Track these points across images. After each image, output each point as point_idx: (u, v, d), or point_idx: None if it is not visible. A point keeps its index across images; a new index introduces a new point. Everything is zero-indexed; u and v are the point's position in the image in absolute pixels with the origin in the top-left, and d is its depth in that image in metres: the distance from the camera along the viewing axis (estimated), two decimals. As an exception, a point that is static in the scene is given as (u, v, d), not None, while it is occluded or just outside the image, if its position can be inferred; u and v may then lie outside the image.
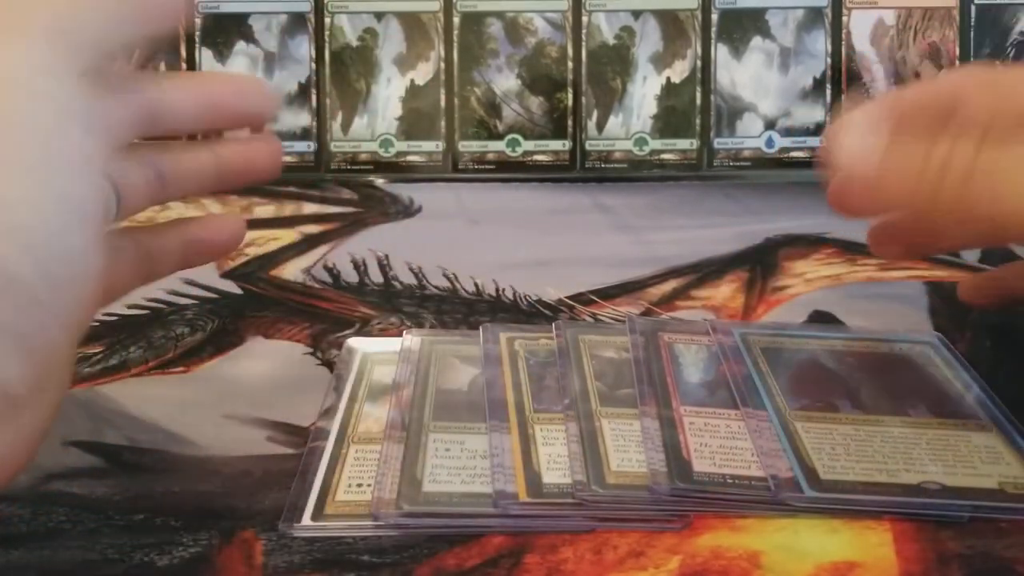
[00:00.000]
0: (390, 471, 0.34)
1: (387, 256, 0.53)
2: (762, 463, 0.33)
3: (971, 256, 0.51)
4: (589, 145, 0.63)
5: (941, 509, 0.32)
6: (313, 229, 0.57)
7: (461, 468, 0.34)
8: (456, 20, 0.64)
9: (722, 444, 0.35)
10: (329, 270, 0.52)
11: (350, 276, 0.51)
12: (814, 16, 0.63)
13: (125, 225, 0.30)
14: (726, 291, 0.49)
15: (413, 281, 0.51)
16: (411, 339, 0.43)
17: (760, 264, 0.52)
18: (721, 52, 0.63)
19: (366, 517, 0.32)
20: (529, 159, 0.64)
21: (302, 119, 0.64)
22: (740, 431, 0.36)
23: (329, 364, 0.43)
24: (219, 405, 0.40)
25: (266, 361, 0.44)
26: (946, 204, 0.30)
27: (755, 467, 0.33)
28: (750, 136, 0.63)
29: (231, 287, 0.50)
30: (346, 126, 0.64)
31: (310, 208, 0.60)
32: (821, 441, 0.35)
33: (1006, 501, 0.32)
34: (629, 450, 0.35)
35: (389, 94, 0.64)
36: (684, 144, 0.63)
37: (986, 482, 0.33)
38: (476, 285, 0.50)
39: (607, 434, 0.35)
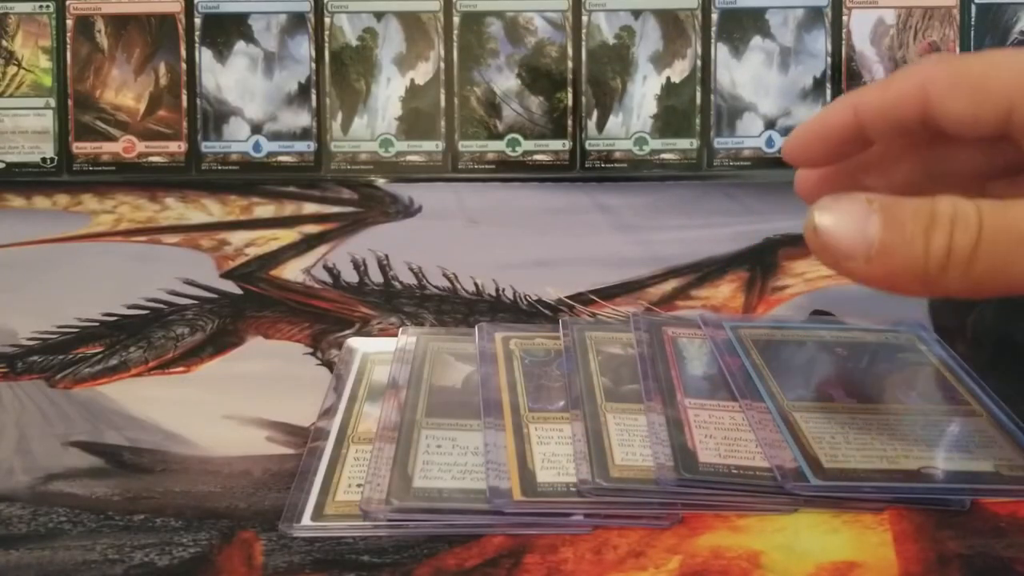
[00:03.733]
0: (382, 468, 0.34)
1: (387, 256, 0.53)
2: (766, 454, 0.34)
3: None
4: (589, 145, 0.63)
5: (944, 494, 0.32)
6: (313, 229, 0.57)
7: (452, 464, 0.34)
8: (456, 20, 0.64)
9: (726, 436, 0.35)
10: (329, 270, 0.52)
11: (350, 276, 0.51)
12: (814, 16, 0.63)
13: None
14: (726, 291, 0.49)
15: (413, 281, 0.51)
16: (406, 337, 0.43)
17: (760, 264, 0.52)
18: (721, 52, 0.63)
19: (366, 517, 0.32)
20: (529, 159, 0.64)
21: (302, 119, 0.64)
22: (743, 423, 0.36)
23: (329, 364, 0.43)
24: (219, 405, 0.40)
25: (266, 361, 0.44)
26: (954, 290, 0.28)
27: (759, 458, 0.34)
28: (750, 136, 0.63)
29: (231, 287, 0.50)
30: (346, 126, 0.64)
31: (310, 208, 0.60)
32: (821, 431, 0.35)
33: (1004, 483, 0.32)
34: (634, 444, 0.35)
35: (389, 94, 0.64)
36: (684, 144, 0.63)
37: (983, 465, 0.33)
38: (476, 285, 0.50)
39: (612, 429, 0.36)
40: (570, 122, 0.64)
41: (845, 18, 0.63)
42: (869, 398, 0.38)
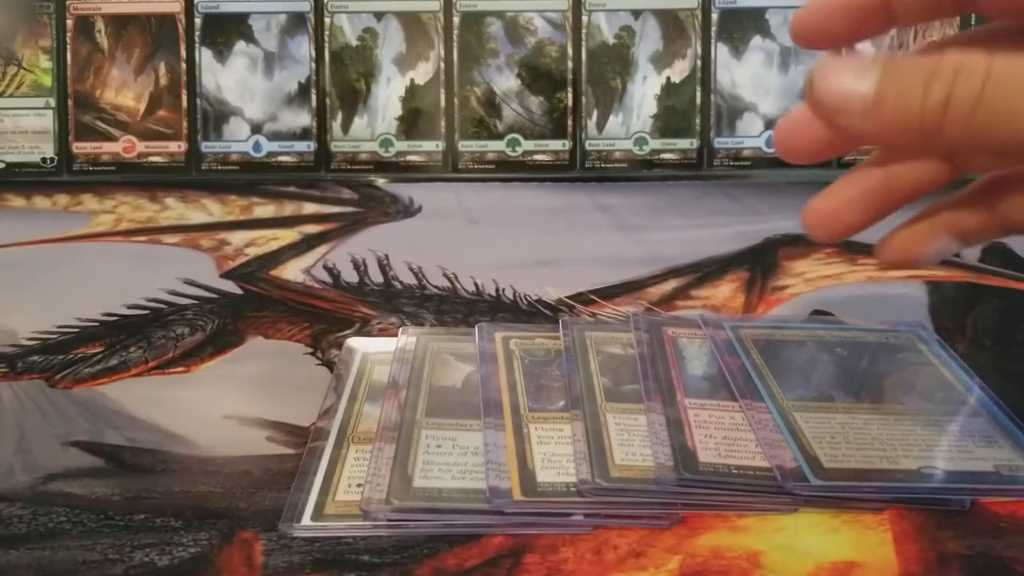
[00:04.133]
0: (382, 468, 0.34)
1: (387, 256, 0.53)
2: (766, 454, 0.34)
3: (971, 255, 0.51)
4: (589, 145, 0.63)
5: (943, 493, 0.32)
6: (313, 229, 0.57)
7: (452, 464, 0.34)
8: (456, 20, 0.64)
9: (726, 436, 0.35)
10: (329, 270, 0.52)
11: (350, 276, 0.51)
12: (814, 16, 0.63)
13: None
14: (726, 291, 0.49)
15: (413, 281, 0.51)
16: (406, 337, 0.43)
17: (760, 264, 0.52)
18: (721, 52, 0.63)
19: (366, 517, 0.32)
20: (529, 159, 0.64)
21: (302, 119, 0.64)
22: (743, 423, 0.36)
23: (329, 364, 0.43)
24: (219, 405, 0.40)
25: (266, 361, 0.44)
26: (953, 141, 0.26)
27: (759, 458, 0.34)
28: (750, 136, 0.63)
29: (231, 287, 0.50)
30: (346, 126, 0.64)
31: (310, 208, 0.60)
32: (820, 431, 0.35)
33: (1004, 483, 0.32)
34: (634, 444, 0.35)
35: (389, 94, 0.64)
36: (684, 144, 0.63)
37: (983, 465, 0.33)
38: (476, 285, 0.50)
39: (612, 429, 0.36)
40: (570, 122, 0.64)
41: (845, 18, 0.63)
42: (869, 398, 0.38)
